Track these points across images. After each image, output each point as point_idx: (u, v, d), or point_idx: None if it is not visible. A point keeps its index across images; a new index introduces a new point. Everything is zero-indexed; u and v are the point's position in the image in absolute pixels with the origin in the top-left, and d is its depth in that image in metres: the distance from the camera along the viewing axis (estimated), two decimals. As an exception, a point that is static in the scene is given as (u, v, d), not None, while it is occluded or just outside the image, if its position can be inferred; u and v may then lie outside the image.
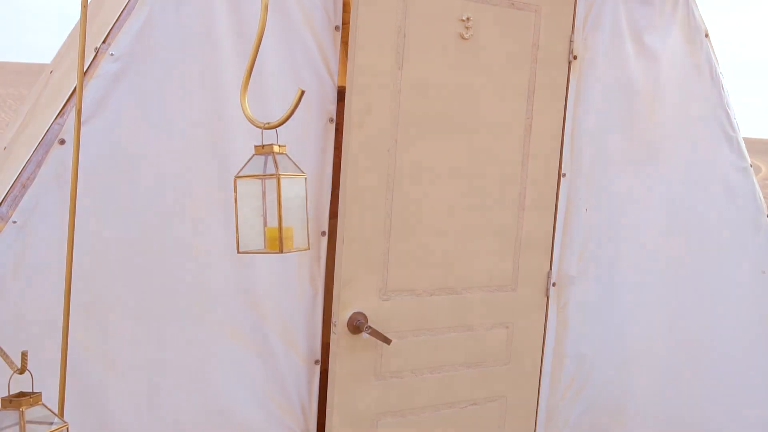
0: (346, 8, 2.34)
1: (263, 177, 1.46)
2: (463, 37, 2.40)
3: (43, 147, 1.88)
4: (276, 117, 1.57)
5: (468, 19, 2.39)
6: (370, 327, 2.29)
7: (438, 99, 2.39)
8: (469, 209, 2.50)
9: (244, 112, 1.49)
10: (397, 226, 2.36)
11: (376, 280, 2.35)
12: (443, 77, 2.39)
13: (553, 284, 2.70)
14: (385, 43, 2.28)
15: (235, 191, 1.48)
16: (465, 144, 2.46)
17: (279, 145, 1.49)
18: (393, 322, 2.40)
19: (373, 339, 2.32)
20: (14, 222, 1.84)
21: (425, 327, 2.47)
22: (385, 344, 2.36)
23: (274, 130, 1.50)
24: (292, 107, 1.45)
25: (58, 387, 1.59)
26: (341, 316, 2.29)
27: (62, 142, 1.88)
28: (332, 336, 2.32)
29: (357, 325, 2.29)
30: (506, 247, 2.59)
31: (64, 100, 1.93)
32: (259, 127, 1.48)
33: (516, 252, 2.61)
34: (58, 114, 1.91)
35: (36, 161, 1.87)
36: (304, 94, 1.46)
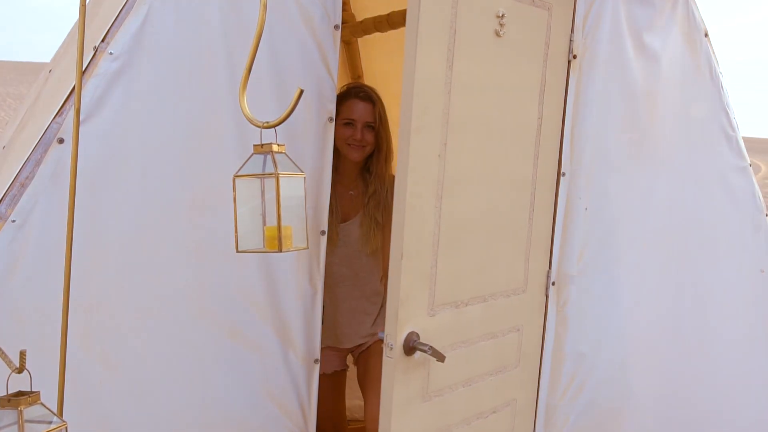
0: (345, 7, 2.32)
1: (262, 176, 1.46)
2: (498, 35, 2.32)
3: (42, 146, 1.88)
4: (274, 116, 1.57)
5: (503, 15, 2.31)
6: (429, 345, 2.11)
7: (477, 99, 2.29)
8: (495, 213, 2.43)
9: (243, 111, 1.49)
10: (444, 236, 2.23)
11: (426, 296, 2.20)
12: (482, 76, 2.30)
13: (553, 283, 2.70)
14: (439, 41, 2.14)
15: (234, 190, 1.48)
16: (496, 146, 2.39)
17: (278, 144, 1.49)
18: (438, 338, 2.24)
19: (423, 358, 2.15)
20: (13, 221, 1.83)
21: (461, 339, 2.36)
22: (432, 364, 2.21)
23: (273, 129, 1.51)
24: (291, 106, 1.45)
25: (56, 386, 1.59)
26: (398, 338, 2.10)
27: (61, 141, 1.88)
28: (387, 359, 2.11)
29: (412, 345, 2.12)
30: (520, 250, 2.57)
31: (63, 99, 1.93)
32: (258, 127, 1.48)
33: (527, 254, 2.60)
34: (57, 113, 1.90)
35: (35, 160, 1.87)
36: (303, 93, 1.46)
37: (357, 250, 2.89)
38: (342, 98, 2.73)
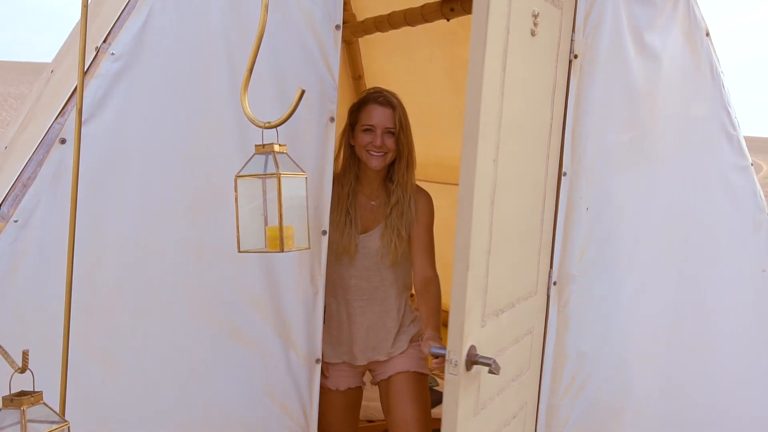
0: (346, 7, 2.32)
1: (264, 176, 1.47)
2: (533, 34, 2.27)
3: (44, 146, 1.89)
4: (275, 116, 1.57)
5: (537, 15, 2.25)
6: (492, 359, 1.99)
7: (517, 100, 2.22)
8: (521, 216, 2.39)
9: (244, 112, 1.50)
10: (493, 243, 2.15)
11: (480, 306, 2.10)
12: (520, 77, 2.24)
13: (554, 283, 2.70)
14: (499, 42, 2.06)
15: (236, 190, 1.49)
16: (523, 148, 2.33)
17: (279, 145, 1.50)
18: (488, 349, 2.14)
19: (476, 372, 2.05)
20: (15, 221, 1.84)
21: (499, 347, 2.27)
22: (482, 376, 2.12)
23: (275, 129, 1.51)
24: (292, 106, 1.45)
25: (57, 386, 1.60)
26: (462, 353, 1.97)
27: (63, 141, 1.88)
28: (451, 377, 1.97)
29: (473, 360, 2.00)
30: (535, 252, 2.55)
31: (65, 100, 1.93)
32: (260, 127, 1.49)
33: (539, 255, 2.59)
34: (59, 113, 1.91)
35: (37, 160, 1.87)
36: (305, 94, 1.46)
37: (376, 262, 2.75)
38: (361, 104, 2.66)
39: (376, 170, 2.69)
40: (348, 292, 2.74)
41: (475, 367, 2.01)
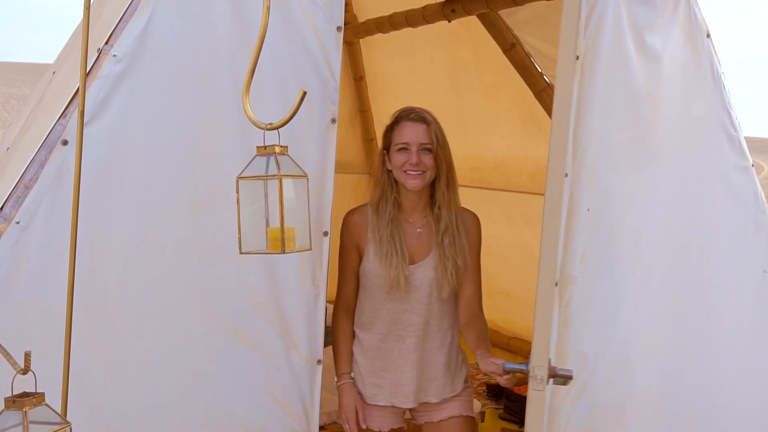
0: (347, 8, 2.33)
1: (265, 178, 1.48)
2: None
3: (46, 148, 1.89)
4: (277, 118, 1.57)
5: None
6: (570, 370, 2.02)
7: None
8: (536, 215, 2.41)
9: (246, 113, 1.50)
10: None
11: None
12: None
13: (556, 284, 2.70)
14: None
15: (238, 192, 1.49)
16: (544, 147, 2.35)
17: (281, 146, 1.51)
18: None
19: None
20: (17, 222, 1.84)
21: None
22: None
23: (276, 130, 1.52)
24: (294, 108, 1.46)
25: (58, 387, 1.60)
26: (546, 369, 1.98)
27: (65, 142, 1.89)
28: (536, 393, 1.98)
29: (553, 373, 2.03)
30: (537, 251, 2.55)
31: (67, 101, 1.94)
32: (262, 128, 1.49)
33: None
34: (61, 115, 1.91)
35: (39, 162, 1.88)
36: (306, 95, 1.47)
37: (429, 294, 2.56)
38: (393, 124, 2.54)
39: (417, 192, 2.52)
40: (400, 328, 2.56)
41: (551, 380, 2.02)
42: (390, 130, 2.54)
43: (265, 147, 1.49)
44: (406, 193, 2.54)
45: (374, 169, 2.40)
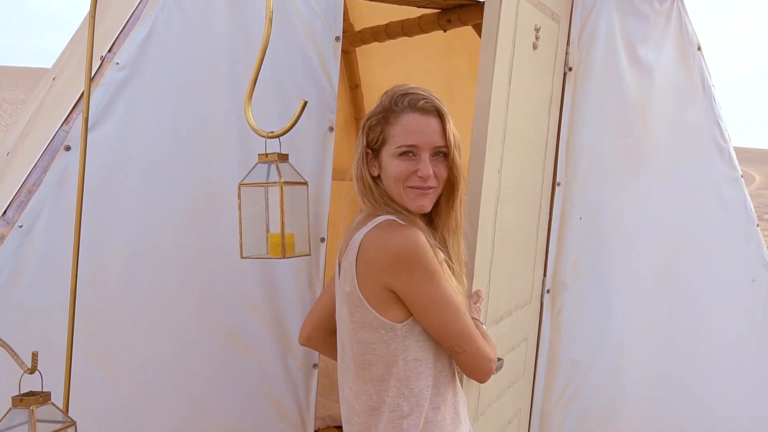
0: (343, 17, 2.37)
1: (266, 184, 1.51)
2: (534, 47, 2.33)
3: (49, 153, 1.92)
4: (276, 125, 1.61)
5: (539, 29, 2.30)
6: (500, 358, 1.97)
7: (518, 111, 2.22)
8: (518, 225, 2.42)
9: (248, 122, 1.54)
10: (495, 254, 2.13)
11: (482, 315, 2.04)
12: (522, 89, 2.26)
13: (548, 291, 2.74)
14: (506, 58, 2.08)
15: (239, 198, 1.52)
16: (522, 158, 2.35)
17: (281, 154, 1.54)
18: None
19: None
20: (20, 226, 1.87)
21: (497, 355, 2.14)
22: (480, 384, 2.10)
23: (276, 138, 1.55)
24: (295, 117, 1.49)
25: (59, 388, 1.63)
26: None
27: (68, 148, 1.91)
28: None
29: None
30: (530, 260, 2.59)
31: (70, 108, 1.96)
32: (263, 136, 1.52)
33: (534, 264, 2.63)
34: (64, 121, 1.94)
35: (42, 167, 1.91)
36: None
37: None
38: (386, 114, 1.69)
39: (423, 212, 1.71)
40: (459, 394, 1.80)
41: None
42: (384, 120, 1.69)
43: (267, 155, 1.53)
44: (407, 210, 1.70)
45: (359, 175, 1.70)
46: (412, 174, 1.65)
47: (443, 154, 1.68)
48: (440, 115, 1.68)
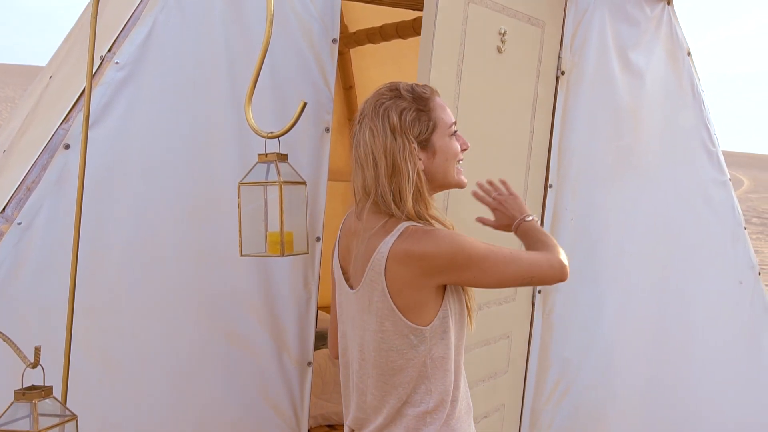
0: (341, 20, 2.39)
1: (266, 184, 1.54)
2: (499, 51, 2.40)
3: (48, 151, 1.94)
4: (273, 126, 1.64)
5: (504, 33, 2.38)
6: None
7: (479, 112, 2.31)
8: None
9: (248, 123, 1.56)
10: None
11: None
12: (484, 90, 2.36)
13: (539, 292, 2.77)
14: (451, 58, 2.20)
15: (239, 197, 1.55)
16: (493, 158, 2.41)
17: (281, 154, 1.57)
18: None
19: None
20: (19, 223, 1.89)
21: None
22: None
23: (276, 139, 1.58)
24: (294, 118, 1.52)
25: (57, 383, 1.64)
26: None
27: (67, 146, 1.93)
28: None
29: None
30: None
31: (69, 106, 1.98)
32: (263, 137, 1.55)
33: None
34: (64, 119, 1.96)
35: (41, 165, 1.93)
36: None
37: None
38: (421, 103, 1.65)
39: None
40: (466, 384, 1.80)
41: None
42: (424, 109, 1.66)
43: (267, 155, 1.55)
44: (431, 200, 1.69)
45: (410, 174, 1.60)
46: (460, 150, 1.71)
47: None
48: None
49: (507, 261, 1.63)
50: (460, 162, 1.71)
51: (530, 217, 1.89)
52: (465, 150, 1.72)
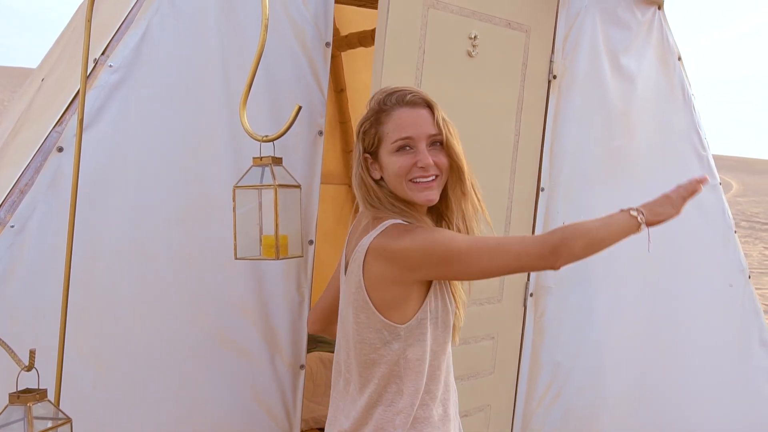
0: (335, 23, 2.41)
1: (261, 187, 1.54)
2: (470, 55, 2.44)
3: (42, 154, 1.94)
4: (266, 129, 1.64)
5: (475, 37, 2.42)
6: None
7: (448, 116, 2.34)
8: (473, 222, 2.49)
9: (243, 126, 1.56)
10: None
11: None
12: (452, 94, 2.41)
13: (531, 295, 2.79)
14: (407, 61, 2.28)
15: (234, 200, 1.55)
16: (473, 159, 2.43)
17: (275, 157, 1.57)
18: None
19: None
20: (12, 226, 1.89)
21: None
22: None
23: (271, 142, 1.58)
24: (289, 122, 1.53)
25: (51, 387, 1.64)
26: None
27: (60, 149, 1.93)
28: None
29: None
30: None
31: (62, 109, 1.98)
32: (258, 140, 1.55)
33: None
34: (57, 122, 1.96)
35: (34, 167, 1.92)
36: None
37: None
38: (377, 115, 1.69)
39: (430, 205, 1.70)
40: (450, 393, 1.79)
41: None
42: (376, 122, 1.68)
43: (261, 158, 1.56)
44: (419, 210, 1.70)
45: (359, 182, 1.68)
46: (412, 167, 1.64)
47: (439, 143, 1.68)
48: (429, 106, 1.70)
49: (492, 251, 1.62)
50: (420, 180, 1.64)
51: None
52: (421, 167, 1.64)
